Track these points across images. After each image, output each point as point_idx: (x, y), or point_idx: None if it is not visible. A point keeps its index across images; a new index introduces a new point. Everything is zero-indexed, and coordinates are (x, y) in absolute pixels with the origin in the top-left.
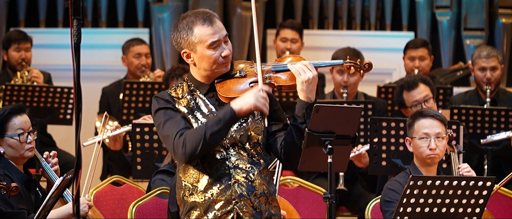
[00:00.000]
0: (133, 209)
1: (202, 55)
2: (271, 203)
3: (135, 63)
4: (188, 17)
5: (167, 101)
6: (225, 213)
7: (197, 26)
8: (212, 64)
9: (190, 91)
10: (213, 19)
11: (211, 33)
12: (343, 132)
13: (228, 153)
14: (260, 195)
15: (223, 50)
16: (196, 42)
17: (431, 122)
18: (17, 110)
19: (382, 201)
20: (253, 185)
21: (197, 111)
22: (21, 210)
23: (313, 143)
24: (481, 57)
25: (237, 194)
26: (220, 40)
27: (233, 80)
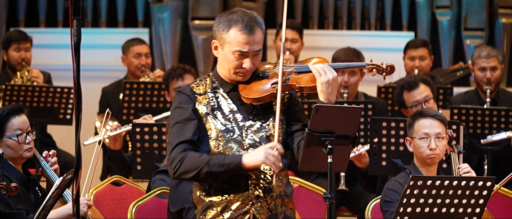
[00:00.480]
0: (133, 209)
1: (226, 55)
2: (287, 204)
3: (135, 63)
4: (235, 14)
5: (188, 98)
6: (241, 214)
7: (235, 28)
8: (229, 69)
9: (213, 88)
10: (253, 30)
11: (243, 42)
12: (343, 132)
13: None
14: (276, 197)
15: (246, 62)
16: (227, 41)
17: (431, 122)
18: (16, 111)
19: (382, 201)
20: (270, 186)
21: (217, 110)
22: (20, 210)
23: (313, 143)
24: (481, 57)
25: (253, 196)
26: (248, 52)
27: (256, 80)
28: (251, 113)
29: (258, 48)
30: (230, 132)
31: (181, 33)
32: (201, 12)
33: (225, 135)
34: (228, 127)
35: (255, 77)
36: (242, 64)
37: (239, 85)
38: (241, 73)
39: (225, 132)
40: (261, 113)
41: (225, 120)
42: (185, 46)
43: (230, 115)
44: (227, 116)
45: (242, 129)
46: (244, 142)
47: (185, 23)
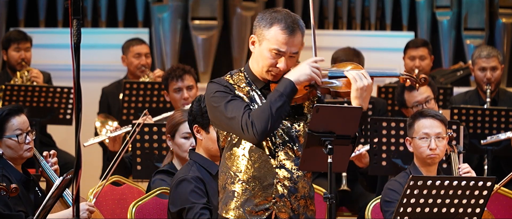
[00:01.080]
0: (133, 209)
1: (262, 52)
2: (309, 206)
3: (135, 63)
4: (279, 13)
5: (226, 86)
6: (263, 210)
7: (277, 26)
8: (263, 66)
9: (246, 83)
10: (295, 32)
11: (282, 41)
12: (343, 132)
13: (276, 151)
14: (300, 198)
15: (281, 63)
16: (266, 37)
17: (431, 122)
18: (16, 111)
19: (382, 201)
20: (295, 187)
21: (254, 103)
22: (19, 212)
23: (313, 143)
24: (481, 57)
25: (278, 194)
26: (285, 53)
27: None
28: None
29: (296, 50)
30: None
31: (181, 33)
32: (201, 12)
33: None
34: None
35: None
36: (276, 63)
37: (272, 84)
38: (273, 73)
39: None
40: (292, 113)
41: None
42: (185, 46)
43: None
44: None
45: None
46: (276, 140)
47: (185, 23)
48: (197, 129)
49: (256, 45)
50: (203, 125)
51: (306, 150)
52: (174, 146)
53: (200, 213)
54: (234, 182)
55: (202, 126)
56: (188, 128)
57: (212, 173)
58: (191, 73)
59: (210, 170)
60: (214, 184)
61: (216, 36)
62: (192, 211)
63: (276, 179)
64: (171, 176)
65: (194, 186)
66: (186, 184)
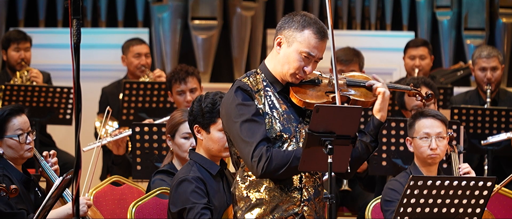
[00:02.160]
0: (133, 209)
1: (291, 54)
2: (322, 207)
3: (134, 63)
4: (310, 18)
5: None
6: (292, 214)
7: (310, 30)
8: (289, 69)
9: (264, 86)
10: (325, 37)
11: (314, 45)
12: (343, 132)
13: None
14: (320, 200)
15: (309, 66)
16: (297, 40)
17: (432, 122)
18: (16, 111)
19: (383, 201)
20: (319, 189)
21: (274, 109)
22: (20, 210)
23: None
24: (482, 57)
25: (306, 198)
26: (314, 57)
27: (309, 85)
28: (304, 115)
29: (321, 56)
30: (288, 132)
31: (181, 33)
32: (201, 12)
33: (284, 135)
34: (285, 127)
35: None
36: (304, 66)
37: (291, 87)
38: (298, 76)
39: (283, 132)
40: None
41: (282, 119)
42: (185, 46)
43: (285, 114)
44: (282, 115)
45: (297, 131)
46: (299, 144)
47: (185, 23)
48: (197, 129)
49: (283, 46)
50: (204, 125)
51: (306, 150)
52: (174, 146)
53: (201, 213)
54: (260, 190)
55: (202, 126)
56: (188, 128)
57: (213, 173)
58: (194, 74)
59: (210, 170)
60: (215, 184)
61: (216, 36)
62: (193, 211)
63: (303, 183)
64: (171, 176)
65: (195, 186)
66: (187, 184)
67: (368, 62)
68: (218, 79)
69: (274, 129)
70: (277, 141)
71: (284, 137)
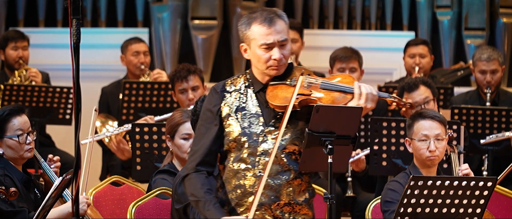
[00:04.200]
0: (133, 209)
1: (255, 53)
2: (298, 211)
3: (134, 62)
4: (254, 12)
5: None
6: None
7: (255, 23)
8: (261, 65)
9: (245, 86)
10: (273, 21)
11: (266, 33)
12: (343, 132)
13: (258, 160)
14: (284, 205)
15: (275, 53)
16: (251, 38)
17: (430, 123)
18: (16, 111)
19: (383, 202)
20: (277, 194)
21: (241, 111)
22: (22, 208)
23: (313, 143)
24: (482, 60)
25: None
26: (274, 43)
27: (284, 87)
28: (275, 118)
29: (283, 37)
30: (246, 135)
31: (180, 33)
32: (201, 12)
33: (241, 139)
34: (245, 131)
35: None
36: (271, 56)
37: (269, 86)
38: (274, 67)
39: (241, 135)
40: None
41: (245, 122)
42: (185, 45)
43: (252, 118)
44: (249, 118)
45: (260, 134)
46: (259, 148)
47: (184, 22)
48: None
49: (248, 51)
50: None
51: (306, 150)
52: (174, 146)
53: None
54: (224, 191)
55: None
56: (187, 129)
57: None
58: (196, 73)
59: None
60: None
61: (216, 35)
62: None
63: (256, 187)
64: (172, 176)
65: None
66: None
67: (368, 62)
68: (218, 79)
69: (232, 132)
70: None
71: (241, 140)
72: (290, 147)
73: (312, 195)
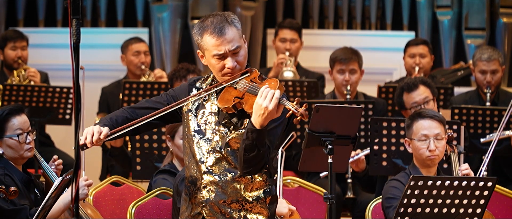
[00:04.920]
0: (133, 209)
1: (209, 61)
2: (249, 209)
3: (134, 62)
4: (205, 20)
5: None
6: (196, 214)
7: (206, 34)
8: (217, 72)
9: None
10: (223, 30)
11: (216, 44)
12: (343, 132)
13: (207, 157)
14: (231, 202)
15: (228, 62)
16: (204, 48)
17: (430, 123)
18: (16, 111)
19: (384, 198)
20: (223, 192)
21: (201, 108)
22: (23, 206)
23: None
24: (482, 60)
25: (204, 199)
26: (226, 53)
27: (230, 89)
28: (225, 118)
29: (234, 46)
30: (201, 133)
31: (180, 33)
32: (201, 12)
33: (197, 135)
34: (201, 129)
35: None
36: (225, 65)
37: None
38: (228, 74)
39: (197, 132)
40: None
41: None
42: (185, 45)
43: (208, 116)
44: (206, 116)
45: (212, 132)
46: (210, 143)
47: (184, 22)
48: None
49: (203, 57)
50: None
51: (306, 150)
52: (174, 147)
53: None
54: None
55: None
56: None
57: None
58: (195, 72)
59: None
60: None
61: None
62: None
63: (203, 184)
64: (173, 176)
65: None
66: None
67: (368, 62)
68: None
69: (189, 128)
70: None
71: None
72: (234, 145)
73: (268, 195)
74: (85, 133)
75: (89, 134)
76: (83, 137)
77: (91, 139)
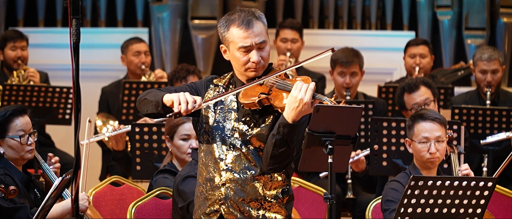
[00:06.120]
0: (133, 209)
1: (233, 55)
2: (268, 208)
3: (134, 62)
4: (233, 14)
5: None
6: (213, 212)
7: (233, 26)
8: (240, 67)
9: (228, 83)
10: (251, 23)
11: (243, 36)
12: (343, 132)
13: (226, 154)
14: (250, 200)
15: (252, 56)
16: (229, 41)
17: (431, 125)
18: (19, 111)
19: (383, 201)
20: (243, 189)
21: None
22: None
23: (313, 143)
24: (483, 59)
25: (223, 196)
26: (252, 46)
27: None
28: (246, 115)
29: (260, 40)
30: (219, 129)
31: (180, 33)
32: (201, 12)
33: (215, 131)
34: (219, 125)
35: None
36: (249, 59)
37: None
38: (251, 69)
39: (216, 128)
40: (255, 118)
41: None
42: (185, 45)
43: (227, 112)
44: (225, 112)
45: (231, 129)
46: (229, 140)
47: (184, 22)
48: None
49: (227, 52)
50: None
51: (306, 150)
52: (173, 147)
53: None
54: (197, 184)
55: None
56: (186, 130)
57: None
58: (195, 73)
59: None
60: None
61: (216, 35)
62: None
63: (222, 181)
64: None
65: None
66: (193, 180)
67: (368, 62)
68: None
69: (207, 124)
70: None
71: (213, 133)
72: (255, 142)
73: (286, 194)
74: (177, 100)
75: (183, 102)
76: (176, 104)
77: (186, 108)
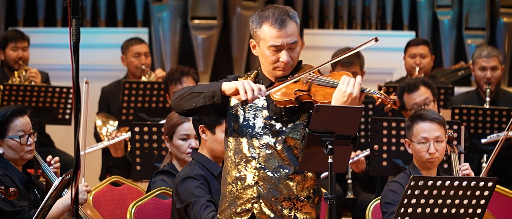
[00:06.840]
0: (132, 209)
1: (263, 52)
2: (300, 208)
3: (134, 63)
4: (266, 10)
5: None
6: (245, 211)
7: (266, 23)
8: (268, 65)
9: (254, 81)
10: (285, 23)
11: (275, 35)
12: (343, 132)
13: (259, 152)
14: (283, 200)
15: (282, 56)
16: (261, 37)
17: (430, 126)
18: (19, 111)
19: (383, 203)
20: (276, 188)
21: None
22: (22, 207)
23: (314, 143)
24: (482, 56)
25: (256, 195)
26: (283, 46)
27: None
28: (279, 113)
29: (292, 40)
30: (250, 127)
31: (180, 33)
32: (201, 12)
33: (244, 129)
34: (249, 123)
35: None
36: (279, 58)
37: (276, 83)
38: (280, 68)
39: (246, 127)
40: (288, 115)
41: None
42: (185, 45)
43: (257, 111)
44: (255, 110)
45: (263, 127)
46: (260, 140)
47: (184, 22)
48: (202, 129)
49: (256, 48)
50: (209, 125)
51: (306, 150)
52: (172, 147)
53: (206, 205)
54: (225, 183)
55: (208, 127)
56: (186, 130)
57: (214, 174)
58: (190, 74)
59: (212, 171)
60: (217, 184)
61: (216, 35)
62: (198, 204)
63: (255, 180)
64: (172, 177)
65: (199, 183)
66: (192, 181)
67: (369, 62)
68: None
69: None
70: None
71: (244, 131)
72: (290, 140)
73: (317, 194)
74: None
75: (249, 90)
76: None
77: (253, 95)
